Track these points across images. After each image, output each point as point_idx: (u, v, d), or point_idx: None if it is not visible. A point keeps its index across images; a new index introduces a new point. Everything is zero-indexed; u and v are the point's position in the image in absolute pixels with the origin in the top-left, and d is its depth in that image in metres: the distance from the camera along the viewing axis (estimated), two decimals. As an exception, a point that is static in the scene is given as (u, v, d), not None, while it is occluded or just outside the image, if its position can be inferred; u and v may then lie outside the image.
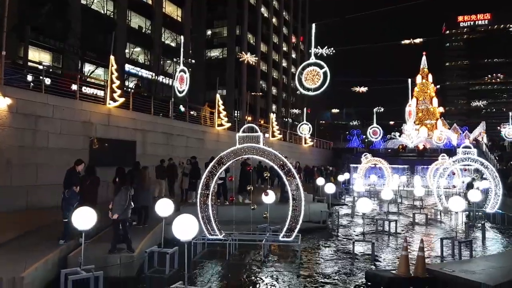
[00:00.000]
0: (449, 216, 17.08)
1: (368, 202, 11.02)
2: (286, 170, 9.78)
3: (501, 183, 15.98)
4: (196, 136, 21.79)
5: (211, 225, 9.96)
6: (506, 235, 14.08)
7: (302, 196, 9.72)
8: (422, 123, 54.48)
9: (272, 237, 10.29)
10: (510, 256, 10.57)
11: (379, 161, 28.43)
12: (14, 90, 12.59)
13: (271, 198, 11.55)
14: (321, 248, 11.55)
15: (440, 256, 10.32)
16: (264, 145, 9.96)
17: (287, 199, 10.09)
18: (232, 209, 10.89)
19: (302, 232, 10.34)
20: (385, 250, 11.18)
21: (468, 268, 8.41)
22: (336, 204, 20.27)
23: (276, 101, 68.70)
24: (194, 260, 9.46)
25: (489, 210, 15.91)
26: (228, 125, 24.93)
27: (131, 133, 17.19)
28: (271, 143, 29.14)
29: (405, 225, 15.73)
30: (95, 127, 15.33)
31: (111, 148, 15.62)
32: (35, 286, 6.75)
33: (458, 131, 55.91)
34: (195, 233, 6.23)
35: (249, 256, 10.16)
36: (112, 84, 16.15)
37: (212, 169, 10.12)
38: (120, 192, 8.51)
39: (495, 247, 12.09)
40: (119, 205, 8.32)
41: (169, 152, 18.91)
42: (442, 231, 14.48)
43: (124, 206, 8.33)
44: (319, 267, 9.49)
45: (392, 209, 18.77)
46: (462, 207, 10.95)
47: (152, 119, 18.68)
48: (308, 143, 40.67)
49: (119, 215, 8.25)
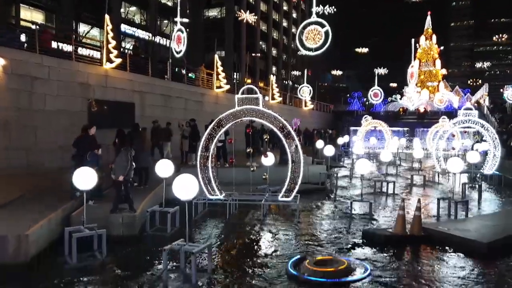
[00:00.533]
0: (447, 177, 17.27)
1: (367, 163, 11.10)
2: (285, 132, 9.77)
3: (500, 145, 16.03)
4: (194, 99, 21.62)
5: (211, 185, 10.09)
6: (502, 196, 14.29)
7: (301, 158, 9.78)
8: (424, 85, 53.93)
9: (271, 198, 10.45)
10: (504, 216, 10.77)
11: (379, 124, 28.35)
12: (8, 51, 12.37)
13: (271, 160, 11.62)
14: (319, 208, 11.74)
15: (436, 216, 10.51)
16: (263, 107, 9.89)
17: (287, 161, 10.16)
18: (232, 171, 10.98)
19: (300, 193, 10.48)
20: (382, 210, 11.38)
21: (463, 227, 8.61)
22: (335, 166, 20.44)
23: (276, 63, 67.58)
24: (195, 219, 9.66)
25: (487, 171, 16.06)
26: (227, 87, 24.67)
27: (129, 95, 17.04)
28: (271, 106, 28.97)
29: (403, 186, 15.93)
30: (93, 88, 15.17)
31: (109, 110, 15.53)
32: (40, 244, 6.91)
33: (460, 94, 55.42)
34: (195, 192, 6.30)
35: (249, 215, 10.35)
36: (108, 45, 15.83)
37: (211, 132, 10.11)
38: (120, 154, 8.54)
39: (491, 207, 12.29)
40: (121, 166, 8.36)
41: (168, 114, 18.83)
42: (440, 192, 14.67)
43: (126, 167, 8.37)
44: (317, 226, 9.69)
45: (390, 171, 18.93)
46: (460, 169, 11.03)
47: (150, 81, 18.47)
48: (308, 106, 40.43)
49: (124, 176, 8.32)
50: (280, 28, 69.09)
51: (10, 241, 6.38)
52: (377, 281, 6.19)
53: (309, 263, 6.48)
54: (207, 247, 6.49)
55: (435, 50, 56.40)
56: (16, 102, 12.39)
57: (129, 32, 34.38)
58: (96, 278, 6.07)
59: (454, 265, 6.99)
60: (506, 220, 9.55)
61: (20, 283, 5.84)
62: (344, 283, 6.04)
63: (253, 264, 6.86)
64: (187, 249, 6.21)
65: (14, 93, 12.33)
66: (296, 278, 6.18)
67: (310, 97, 39.13)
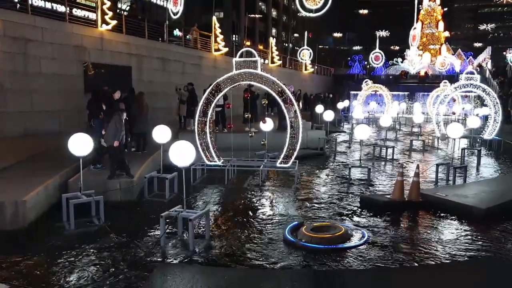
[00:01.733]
0: (446, 143, 17.24)
1: (366, 129, 10.99)
2: (284, 97, 9.59)
3: (501, 109, 15.87)
4: (192, 62, 21.18)
5: (210, 151, 10.03)
6: (500, 161, 14.31)
7: (300, 124, 9.66)
8: (426, 48, 52.81)
9: (270, 163, 10.43)
10: (502, 181, 10.82)
11: (379, 88, 28.01)
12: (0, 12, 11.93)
13: (269, 126, 11.50)
14: (318, 173, 11.76)
15: (434, 182, 10.53)
16: (262, 71, 9.64)
17: (285, 127, 10.03)
18: (230, 137, 10.89)
19: (299, 159, 10.45)
20: (381, 176, 11.40)
21: (460, 193, 8.63)
22: (334, 131, 20.36)
23: (276, 25, 65.91)
24: (193, 185, 9.67)
25: (487, 136, 16.00)
26: (226, 50, 24.13)
27: (126, 58, 16.66)
28: (270, 69, 28.48)
29: (402, 151, 15.91)
30: (88, 51, 14.81)
31: (106, 73, 15.23)
32: (38, 210, 6.93)
33: (462, 57, 54.38)
34: (192, 159, 6.23)
35: (247, 181, 10.36)
36: (103, 6, 15.28)
37: (208, 96, 9.92)
38: (112, 120, 8.30)
39: (489, 173, 12.32)
40: (112, 132, 8.15)
41: (166, 78, 18.51)
42: (439, 157, 14.67)
43: (118, 132, 8.18)
44: (315, 191, 9.73)
45: (390, 136, 18.86)
46: (460, 134, 10.96)
47: (147, 44, 18.01)
48: (308, 69, 39.78)
49: (118, 142, 8.20)
50: (280, -12, 66.85)
51: (8, 207, 6.38)
52: (374, 246, 6.25)
53: (306, 229, 6.52)
54: (205, 214, 6.51)
55: (438, 12, 54.76)
56: (10, 65, 12.11)
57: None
58: (94, 244, 6.12)
59: (452, 230, 7.04)
60: (503, 186, 9.58)
61: (18, 249, 5.88)
62: (341, 249, 6.09)
63: (251, 230, 6.91)
64: (184, 215, 6.22)
65: (8, 56, 12.02)
66: (293, 244, 6.23)
67: (310, 61, 38.44)
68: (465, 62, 51.83)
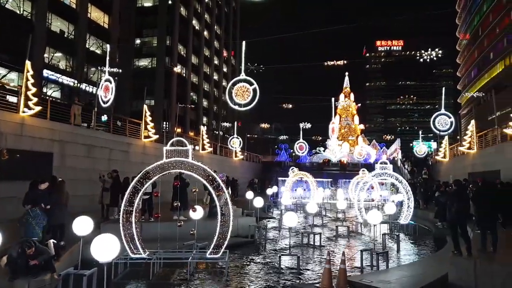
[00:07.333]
0: (368, 228, 18.14)
1: (294, 216, 11.26)
2: (215, 185, 9.68)
3: (413, 196, 17.39)
4: (120, 148, 20.78)
5: (134, 243, 9.46)
6: (417, 245, 15.27)
7: (231, 211, 9.66)
8: (344, 139, 57.69)
9: (199, 254, 10.06)
10: (420, 265, 11.47)
11: (305, 175, 29.41)
12: None
13: (199, 214, 11.33)
14: (249, 263, 11.53)
15: (360, 268, 10.83)
16: (193, 159, 9.76)
17: (216, 214, 9.96)
18: (157, 226, 10.46)
19: (230, 248, 10.25)
20: (310, 263, 11.48)
21: (384, 278, 8.95)
22: (264, 218, 20.50)
23: (207, 114, 68.43)
24: (114, 282, 8.89)
25: (403, 221, 17.18)
26: (156, 137, 24.18)
27: (48, 144, 15.90)
28: (201, 156, 28.81)
29: (328, 238, 16.36)
30: (5, 137, 13.95)
31: (23, 160, 14.30)
32: None
33: (377, 147, 60.01)
34: (115, 254, 5.87)
35: (174, 275, 9.80)
36: (27, 91, 14.87)
37: (136, 185, 9.67)
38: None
39: (408, 257, 13.02)
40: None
41: (90, 165, 17.80)
42: (363, 242, 15.28)
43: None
44: (246, 283, 9.44)
45: (317, 221, 19.43)
46: (379, 220, 11.68)
47: (72, 129, 17.48)
48: (238, 156, 40.89)
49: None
50: (211, 80, 70.90)
51: None
52: None
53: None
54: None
55: (353, 107, 61.25)
56: None
57: (52, 77, 32.81)
58: None
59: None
60: (423, 270, 10.14)
61: None
62: None
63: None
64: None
65: None
66: None
67: (240, 148, 39.75)
68: (379, 152, 57.10)
